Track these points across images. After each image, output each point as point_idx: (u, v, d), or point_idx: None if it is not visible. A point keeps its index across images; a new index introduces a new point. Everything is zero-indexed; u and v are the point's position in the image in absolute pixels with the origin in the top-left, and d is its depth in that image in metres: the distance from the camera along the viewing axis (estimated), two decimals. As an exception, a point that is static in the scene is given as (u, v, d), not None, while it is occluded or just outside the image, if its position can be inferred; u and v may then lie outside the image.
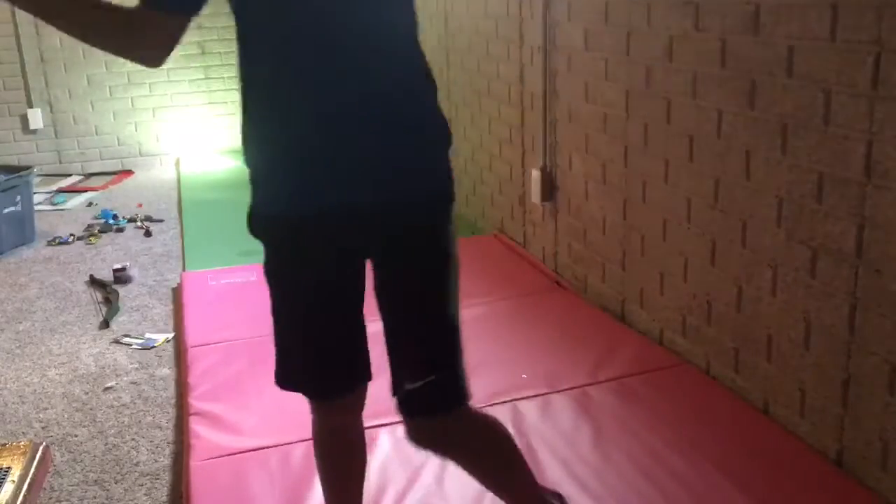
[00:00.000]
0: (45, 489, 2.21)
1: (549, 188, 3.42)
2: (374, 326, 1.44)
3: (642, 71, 2.68)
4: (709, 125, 2.37)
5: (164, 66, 1.28)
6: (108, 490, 2.19)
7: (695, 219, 2.51)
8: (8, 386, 2.82)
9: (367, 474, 1.68)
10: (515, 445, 1.54)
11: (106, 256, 4.15)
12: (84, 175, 6.01)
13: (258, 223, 1.39)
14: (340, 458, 1.62)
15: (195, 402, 2.47)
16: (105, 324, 3.29)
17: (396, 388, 1.40)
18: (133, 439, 2.44)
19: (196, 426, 2.34)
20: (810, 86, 1.98)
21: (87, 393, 2.74)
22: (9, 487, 2.08)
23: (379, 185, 1.32)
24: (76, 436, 2.47)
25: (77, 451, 2.39)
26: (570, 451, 2.16)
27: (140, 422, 2.54)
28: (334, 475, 1.63)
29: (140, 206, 5.07)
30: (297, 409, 2.43)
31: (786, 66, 2.05)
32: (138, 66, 1.31)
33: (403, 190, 1.33)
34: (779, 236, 2.16)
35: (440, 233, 1.38)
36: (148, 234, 4.49)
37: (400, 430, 2.25)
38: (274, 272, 1.42)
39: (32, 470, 2.17)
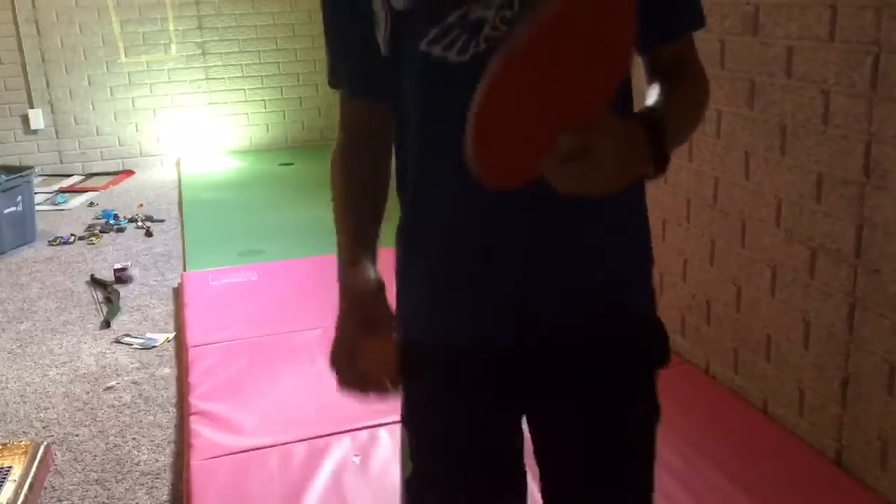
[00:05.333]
0: (46, 488, 2.21)
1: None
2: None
3: (642, 72, 2.68)
4: (708, 125, 2.38)
5: (165, 67, 1.25)
6: (108, 489, 2.20)
7: (694, 219, 2.52)
8: (9, 385, 2.83)
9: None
10: None
11: (107, 256, 4.15)
12: (85, 175, 6.01)
13: None
14: None
15: (196, 402, 2.48)
16: (106, 324, 3.29)
17: None
18: (134, 439, 2.44)
19: (196, 426, 2.34)
20: (809, 86, 1.98)
21: (87, 392, 2.74)
22: (10, 487, 2.08)
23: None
24: (77, 435, 2.48)
25: (78, 451, 2.39)
26: (569, 450, 2.16)
27: (141, 421, 2.54)
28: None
29: (141, 206, 5.08)
30: (297, 409, 2.45)
31: (785, 67, 2.06)
32: (139, 67, 1.25)
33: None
34: (778, 236, 2.16)
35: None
36: (149, 234, 4.49)
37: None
38: None
39: (33, 469, 2.18)
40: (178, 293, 3.55)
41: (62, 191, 5.55)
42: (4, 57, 5.79)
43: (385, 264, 1.09)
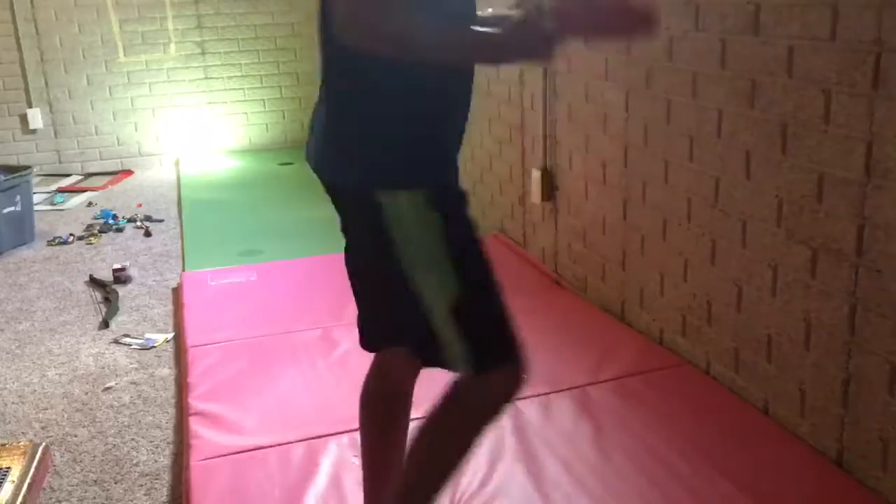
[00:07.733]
0: (44, 489, 2.21)
1: (549, 188, 3.42)
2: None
3: (642, 71, 2.68)
4: (709, 125, 2.37)
5: (164, 66, 1.25)
6: (107, 490, 2.19)
7: (695, 219, 2.51)
8: (8, 386, 2.82)
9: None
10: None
11: (105, 256, 4.15)
12: (84, 175, 6.00)
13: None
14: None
15: (195, 402, 2.47)
16: (105, 324, 3.28)
17: None
18: (133, 439, 2.44)
19: (196, 426, 2.34)
20: (810, 86, 1.98)
21: (86, 393, 2.74)
22: (8, 488, 2.08)
23: None
24: (76, 436, 2.47)
25: (77, 452, 2.39)
26: (570, 450, 2.16)
27: (140, 422, 2.54)
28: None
29: (140, 205, 5.07)
30: (296, 409, 2.44)
31: (786, 66, 2.05)
32: (138, 66, 1.28)
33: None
34: (779, 236, 2.16)
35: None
36: (148, 233, 4.49)
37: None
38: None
39: (32, 470, 2.17)
40: (177, 293, 3.54)
41: (61, 190, 5.55)
42: (3, 56, 5.78)
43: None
